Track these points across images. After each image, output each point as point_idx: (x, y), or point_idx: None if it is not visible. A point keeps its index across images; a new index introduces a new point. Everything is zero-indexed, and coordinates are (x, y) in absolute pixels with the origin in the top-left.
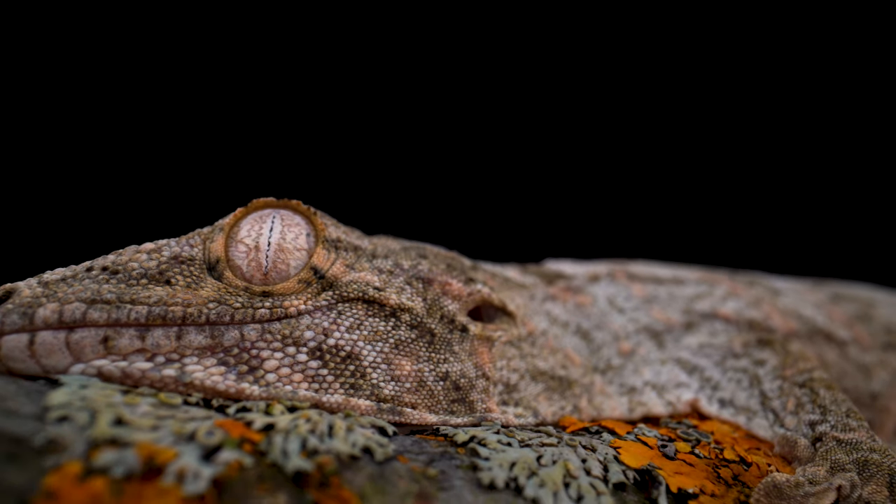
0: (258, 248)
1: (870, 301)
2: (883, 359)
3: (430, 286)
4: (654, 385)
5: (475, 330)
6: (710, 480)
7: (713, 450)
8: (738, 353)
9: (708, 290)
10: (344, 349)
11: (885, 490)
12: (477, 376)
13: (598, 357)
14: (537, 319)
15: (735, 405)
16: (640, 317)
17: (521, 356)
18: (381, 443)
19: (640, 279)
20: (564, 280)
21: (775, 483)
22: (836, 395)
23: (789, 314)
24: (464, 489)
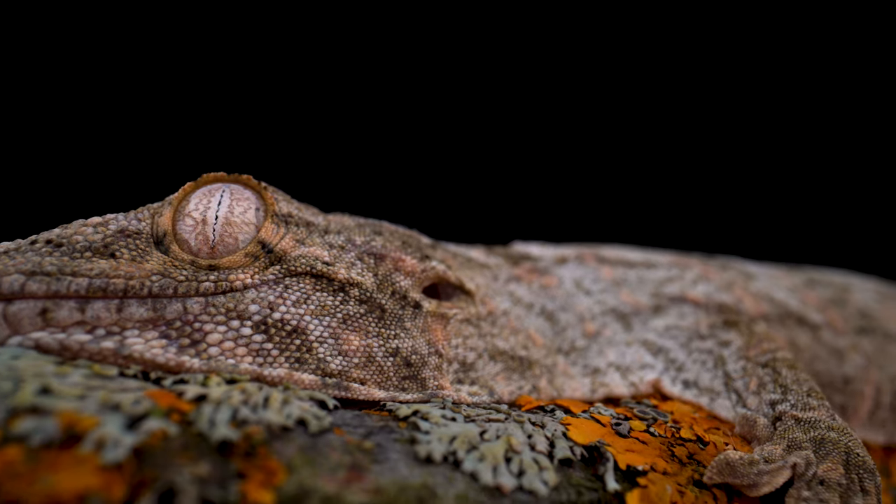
0: (205, 222)
1: (845, 286)
2: (857, 343)
3: (382, 262)
4: (619, 366)
5: (429, 307)
6: (664, 459)
7: (669, 429)
8: (704, 335)
9: (679, 273)
10: (290, 323)
11: (840, 468)
12: (429, 353)
13: (562, 338)
14: (499, 299)
15: (699, 386)
16: (607, 299)
17: (480, 335)
18: (318, 415)
19: (609, 262)
20: (530, 261)
21: (728, 461)
22: (798, 374)
23: (761, 298)
24: (399, 462)
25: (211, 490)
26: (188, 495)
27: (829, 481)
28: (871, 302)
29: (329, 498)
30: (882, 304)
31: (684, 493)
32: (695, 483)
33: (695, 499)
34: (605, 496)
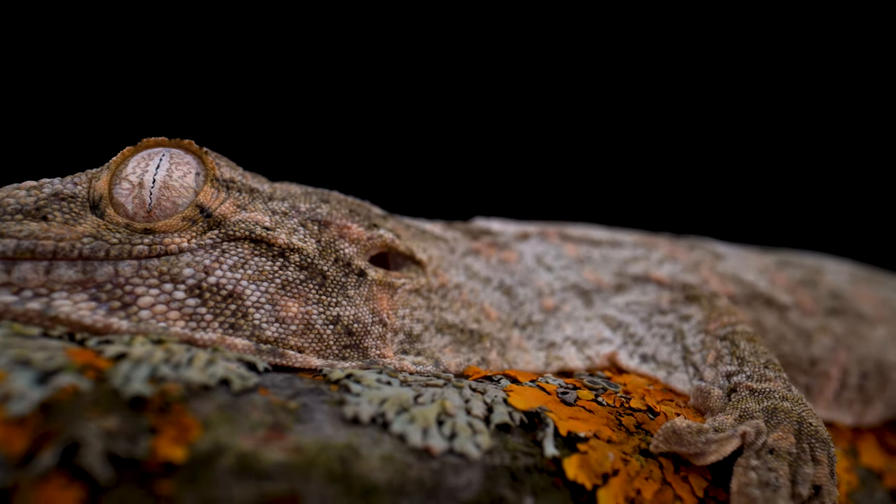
0: (142, 185)
1: (818, 268)
2: (825, 324)
3: (326, 229)
4: (575, 341)
5: (374, 275)
6: (610, 427)
7: (619, 398)
8: (665, 310)
9: (645, 253)
10: (225, 288)
11: (791, 437)
12: (373, 322)
13: (518, 312)
14: (453, 272)
15: (657, 360)
16: (568, 275)
17: (429, 307)
18: (243, 376)
19: (573, 240)
20: (490, 236)
21: (675, 429)
22: (756, 347)
23: (728, 279)
24: (325, 423)
25: (119, 444)
26: (93, 449)
27: (778, 450)
28: (843, 283)
29: (245, 455)
30: (855, 285)
31: (629, 462)
32: (641, 452)
33: (640, 467)
34: (542, 462)
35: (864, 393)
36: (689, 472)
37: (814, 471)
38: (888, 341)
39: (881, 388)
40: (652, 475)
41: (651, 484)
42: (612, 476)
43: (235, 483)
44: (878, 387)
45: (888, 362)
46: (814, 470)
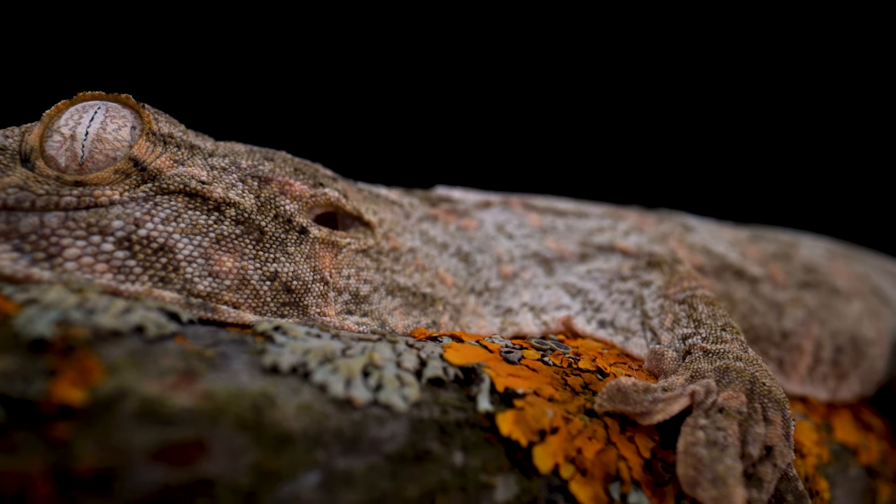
0: (74, 138)
1: (793, 242)
2: (798, 297)
3: (266, 185)
4: (533, 307)
5: (317, 233)
6: (553, 386)
7: (567, 359)
8: (626, 276)
9: (611, 224)
10: (156, 241)
11: (742, 396)
12: (314, 280)
13: (476, 279)
14: (407, 237)
15: (615, 326)
16: (530, 244)
17: (379, 269)
18: (160, 324)
19: (537, 210)
20: (449, 203)
21: (620, 387)
22: (715, 310)
23: (698, 250)
24: (241, 371)
25: (12, 385)
26: None
27: (728, 409)
28: (818, 258)
29: (149, 400)
30: (831, 260)
31: (570, 420)
32: (586, 412)
33: (582, 426)
34: (474, 417)
35: (839, 368)
36: (636, 432)
37: (765, 431)
38: (863, 316)
39: (856, 363)
40: (595, 435)
41: (594, 444)
42: (551, 434)
43: (136, 428)
44: (852, 362)
45: (863, 337)
46: (765, 430)
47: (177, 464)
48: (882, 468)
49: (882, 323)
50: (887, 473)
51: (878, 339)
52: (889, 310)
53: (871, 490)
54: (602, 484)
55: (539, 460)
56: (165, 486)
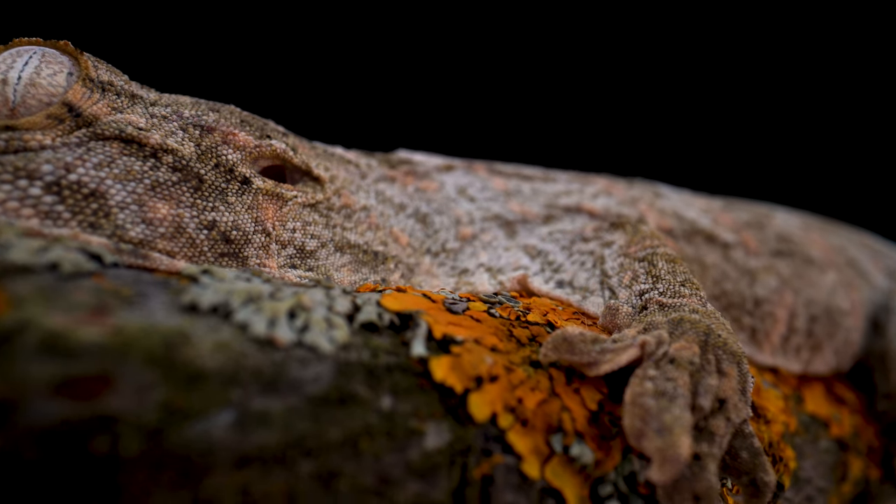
0: (6, 82)
1: (767, 213)
2: (771, 265)
3: (209, 134)
4: (490, 268)
5: (260, 184)
6: (497, 337)
7: (516, 312)
8: (588, 237)
9: (579, 188)
10: (87, 186)
11: (695, 347)
12: (255, 231)
13: (433, 240)
14: (361, 195)
15: (573, 285)
16: (492, 206)
17: (328, 225)
18: (77, 262)
19: (503, 174)
20: (409, 165)
21: (566, 336)
22: (675, 267)
23: (668, 214)
24: (158, 309)
25: None
26: None
27: (679, 360)
28: (793, 228)
29: (53, 333)
30: (806, 231)
31: (513, 370)
32: (531, 364)
33: (525, 377)
34: (407, 361)
35: (813, 338)
36: (583, 385)
37: (718, 383)
38: (838, 287)
39: (830, 334)
40: (539, 385)
41: (536, 394)
42: (490, 382)
43: (35, 360)
44: (827, 333)
45: (838, 308)
46: (719, 382)
47: (79, 398)
48: (854, 442)
49: (857, 294)
50: (860, 447)
51: (852, 311)
52: (865, 282)
53: (843, 463)
54: (543, 435)
55: (475, 408)
56: (65, 420)
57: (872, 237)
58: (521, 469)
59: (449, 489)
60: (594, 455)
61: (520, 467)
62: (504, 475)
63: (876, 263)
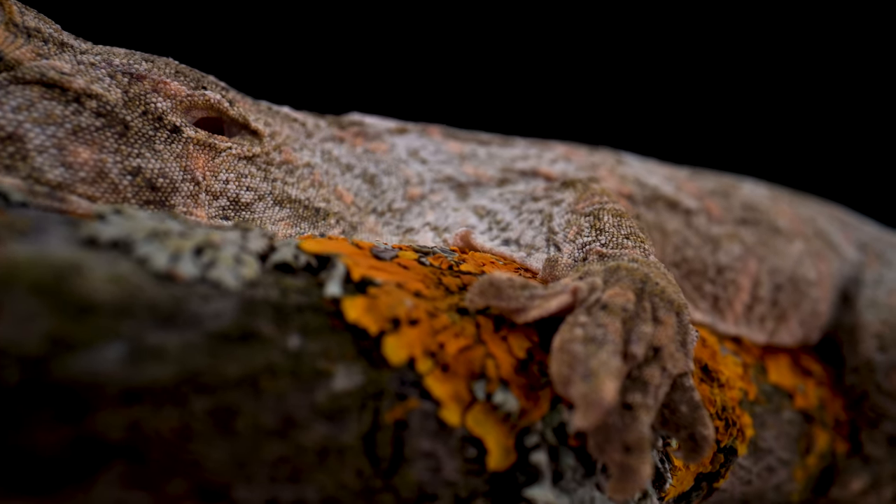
0: None
1: (734, 183)
2: (736, 232)
3: (138, 82)
4: (436, 227)
5: (191, 133)
6: (424, 284)
7: (448, 261)
8: (539, 196)
9: (537, 153)
10: (4, 129)
11: (630, 294)
12: (183, 179)
13: (379, 200)
14: (305, 153)
15: (520, 243)
16: (444, 168)
17: (266, 179)
18: None
19: (459, 138)
20: (360, 127)
21: (493, 281)
22: (622, 221)
23: (629, 180)
24: (53, 242)
25: None
26: None
27: (612, 306)
28: (761, 198)
29: None
30: (774, 201)
31: (436, 316)
32: (458, 311)
33: (450, 323)
34: (319, 301)
35: (778, 308)
36: (512, 333)
37: (653, 331)
38: (805, 256)
39: (796, 304)
40: (464, 332)
41: (460, 340)
42: (409, 325)
43: None
44: (793, 302)
45: (804, 278)
46: (653, 330)
47: None
48: (820, 414)
49: (825, 265)
50: (826, 420)
51: (820, 282)
52: (835, 254)
53: (807, 435)
54: (465, 381)
55: (390, 350)
56: None
57: (844, 210)
58: (440, 416)
59: (359, 433)
60: (519, 403)
61: (438, 414)
62: (420, 421)
63: (847, 236)
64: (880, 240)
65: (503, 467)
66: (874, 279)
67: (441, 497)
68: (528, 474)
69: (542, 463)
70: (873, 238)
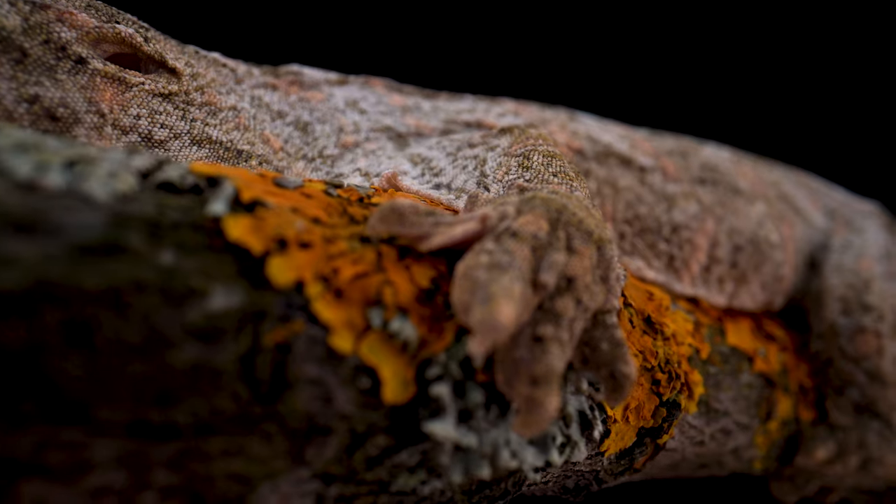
0: None
1: (696, 145)
2: (692, 191)
3: (42, 11)
4: (367, 173)
5: (98, 66)
6: (327, 212)
7: (359, 194)
8: (475, 143)
9: (486, 107)
10: None
11: (543, 222)
12: (87, 111)
13: (310, 147)
14: (233, 97)
15: (450, 187)
16: (383, 119)
17: (185, 118)
18: None
19: (404, 92)
20: (296, 76)
21: (396, 207)
22: (552, 161)
23: (581, 136)
24: None
25: None
26: None
27: (522, 233)
28: (722, 160)
29: None
30: (736, 164)
31: (333, 242)
32: (361, 240)
33: (348, 250)
34: (200, 219)
35: (738, 269)
36: (418, 263)
37: (567, 260)
38: (767, 219)
39: (757, 266)
40: (363, 259)
41: (358, 266)
42: (300, 248)
43: None
44: (753, 264)
45: (766, 239)
46: (567, 258)
47: None
48: (782, 380)
49: (789, 229)
50: (789, 386)
51: (783, 245)
52: (801, 220)
53: (768, 400)
54: (360, 308)
55: (276, 271)
56: None
57: (814, 178)
58: (330, 342)
59: (236, 355)
60: (418, 332)
61: (328, 340)
62: (306, 345)
63: (814, 202)
64: (849, 206)
65: (402, 400)
66: (842, 245)
67: (336, 430)
68: (431, 409)
69: (444, 396)
70: (842, 204)
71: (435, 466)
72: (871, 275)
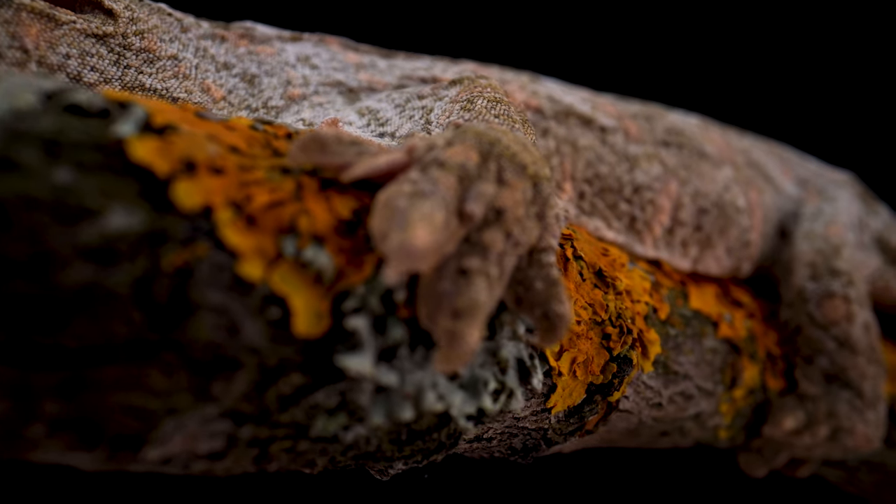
0: None
1: (662, 111)
2: (655, 153)
3: None
4: (311, 123)
5: (24, 0)
6: (247, 143)
7: (287, 130)
8: (425, 95)
9: (444, 66)
10: None
11: (473, 153)
12: (10, 46)
13: (255, 98)
14: (175, 45)
15: (395, 136)
16: (335, 74)
17: (118, 63)
18: None
19: (361, 50)
20: (247, 31)
21: (317, 135)
22: (498, 106)
23: (541, 96)
24: None
25: None
26: None
27: (449, 164)
28: (687, 125)
29: None
30: (703, 129)
31: (249, 170)
32: (282, 171)
33: (265, 178)
34: (102, 139)
35: (702, 232)
36: (341, 194)
37: (496, 191)
38: (733, 184)
39: (723, 230)
40: (280, 188)
41: (274, 195)
42: (210, 172)
43: None
44: (719, 228)
45: (732, 203)
46: (497, 190)
47: None
48: (749, 346)
49: (757, 195)
50: (756, 353)
51: (751, 210)
52: (771, 187)
53: (733, 366)
54: (273, 236)
55: (182, 195)
56: None
57: (787, 148)
58: (238, 269)
59: (132, 277)
60: (334, 262)
61: (235, 267)
62: (210, 271)
63: (785, 171)
64: (822, 176)
65: (315, 334)
66: (813, 213)
67: (245, 365)
68: (348, 345)
69: (362, 330)
70: (815, 174)
71: (355, 409)
72: (841, 241)
